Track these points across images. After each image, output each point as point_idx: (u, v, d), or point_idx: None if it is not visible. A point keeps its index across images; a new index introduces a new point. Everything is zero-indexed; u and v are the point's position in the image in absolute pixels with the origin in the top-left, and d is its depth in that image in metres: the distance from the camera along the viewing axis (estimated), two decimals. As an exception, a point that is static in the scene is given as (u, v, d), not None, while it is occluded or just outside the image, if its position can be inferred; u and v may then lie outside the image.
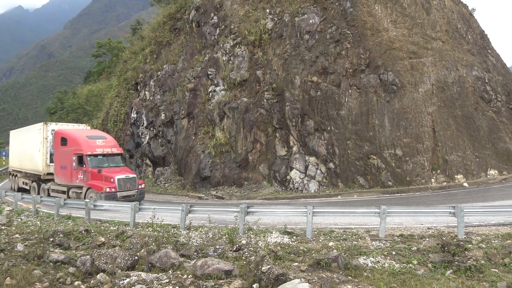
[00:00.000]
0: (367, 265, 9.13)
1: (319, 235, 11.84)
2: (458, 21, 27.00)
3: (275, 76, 24.53)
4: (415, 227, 12.54)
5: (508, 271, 8.57)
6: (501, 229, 11.84)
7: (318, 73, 23.02)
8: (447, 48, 24.49)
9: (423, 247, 10.15)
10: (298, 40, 24.53)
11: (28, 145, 26.13)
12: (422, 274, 8.58)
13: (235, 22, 27.95)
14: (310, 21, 24.49)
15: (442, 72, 23.26)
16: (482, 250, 9.67)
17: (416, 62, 22.93)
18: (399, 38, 23.50)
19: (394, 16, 24.28)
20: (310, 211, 11.79)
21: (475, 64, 24.96)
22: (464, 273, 8.51)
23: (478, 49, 26.89)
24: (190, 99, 28.35)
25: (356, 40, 23.04)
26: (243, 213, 12.31)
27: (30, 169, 25.79)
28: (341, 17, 23.99)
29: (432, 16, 25.31)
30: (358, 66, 22.49)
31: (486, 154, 22.21)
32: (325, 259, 8.88)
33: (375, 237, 11.26)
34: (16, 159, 28.82)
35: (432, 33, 24.65)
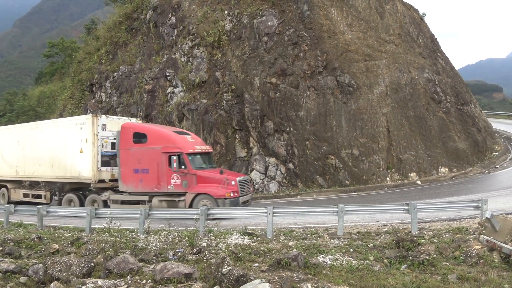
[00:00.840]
0: (326, 263, 9.31)
1: (280, 235, 11.95)
2: (410, 25, 28.09)
3: (234, 78, 24.55)
4: (371, 224, 12.92)
5: (458, 264, 9.00)
6: (452, 224, 12.42)
7: (277, 74, 23.25)
8: (400, 51, 25.42)
9: (379, 243, 10.46)
10: (257, 42, 24.67)
11: (50, 145, 19.66)
12: (378, 270, 8.85)
13: (194, 23, 27.73)
14: (269, 23, 24.69)
15: (396, 74, 24.12)
16: (434, 244, 10.10)
17: (371, 64, 23.64)
18: (355, 41, 24.15)
19: (349, 20, 24.93)
20: (270, 212, 11.87)
21: (426, 67, 26.06)
22: (417, 267, 8.85)
23: (428, 52, 28.07)
24: (148, 100, 27.83)
25: (313, 42, 23.46)
26: (204, 215, 12.22)
27: (51, 177, 19.62)
28: (298, 19, 24.35)
29: (385, 20, 26.19)
30: (315, 68, 22.90)
31: (437, 153, 23.23)
32: (285, 259, 8.97)
33: (333, 235, 11.49)
34: (10, 165, 21.86)
35: (386, 37, 25.51)
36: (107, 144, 18.41)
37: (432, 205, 12.84)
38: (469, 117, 27.33)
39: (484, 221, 10.29)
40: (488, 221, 9.83)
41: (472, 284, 7.78)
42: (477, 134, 26.75)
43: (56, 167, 19.30)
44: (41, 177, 20.26)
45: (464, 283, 7.91)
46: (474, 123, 27.35)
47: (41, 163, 19.99)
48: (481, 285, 7.59)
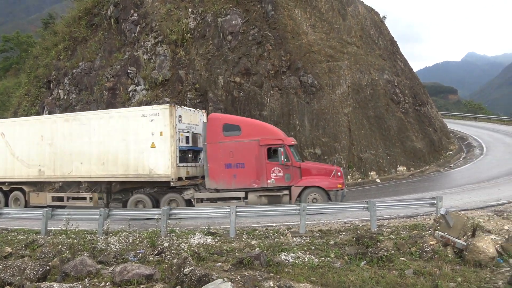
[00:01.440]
0: (288, 261, 9.40)
1: (242, 234, 11.96)
2: (371, 28, 28.84)
3: (198, 76, 24.36)
4: (332, 222, 13.16)
5: (414, 259, 9.32)
6: (409, 221, 12.86)
7: (241, 74, 23.27)
8: (361, 53, 26.04)
9: (340, 241, 10.68)
10: (221, 41, 24.59)
11: (98, 139, 17.13)
12: (339, 267, 9.03)
13: (157, 20, 27.28)
14: (233, 22, 24.66)
15: (357, 75, 24.69)
16: (392, 241, 10.41)
17: (333, 65, 24.08)
18: (318, 42, 24.53)
19: (313, 21, 25.30)
20: (233, 211, 11.87)
21: (386, 68, 26.83)
22: (376, 263, 9.09)
23: (388, 54, 28.92)
24: (108, 98, 27.12)
25: (277, 42, 23.64)
26: (166, 215, 12.05)
27: (103, 176, 17.13)
28: (263, 19, 24.47)
29: (347, 22, 26.76)
30: (279, 68, 23.09)
31: (396, 152, 23.98)
32: (248, 258, 8.99)
33: (295, 234, 11.62)
34: (27, 164, 18.54)
35: (348, 38, 26.07)
36: (182, 138, 16.44)
37: (390, 203, 13.23)
38: (426, 117, 28.37)
39: (439, 217, 10.69)
40: (442, 218, 10.23)
41: (427, 278, 8.07)
42: (433, 134, 27.82)
43: (110, 164, 16.80)
44: (84, 177, 17.46)
45: (420, 278, 8.20)
46: (431, 124, 28.42)
47: (83, 161, 17.28)
48: (436, 279, 7.88)
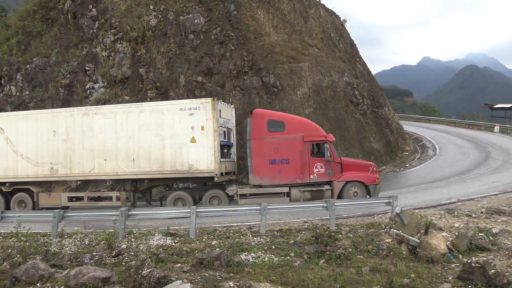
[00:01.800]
0: (249, 261, 9.44)
1: (203, 234, 11.90)
2: (332, 30, 29.43)
3: (159, 75, 23.97)
4: (293, 221, 13.35)
5: (371, 257, 9.60)
6: (366, 220, 13.26)
7: (203, 73, 23.12)
8: (322, 55, 26.52)
9: (300, 240, 10.84)
10: (183, 39, 24.33)
11: (127, 134, 16.18)
12: (298, 265, 9.16)
13: (116, 16, 26.61)
14: (195, 21, 24.46)
15: (318, 77, 25.12)
16: (350, 239, 10.68)
17: (295, 66, 24.38)
18: (280, 43, 24.76)
19: (275, 22, 25.51)
20: (193, 211, 11.79)
21: (345, 71, 27.46)
22: (335, 261, 9.29)
23: (348, 57, 29.61)
24: (65, 96, 26.19)
25: (240, 42, 23.66)
26: (124, 216, 11.78)
27: (132, 173, 16.21)
28: (225, 19, 24.42)
29: (309, 24, 27.18)
30: (241, 68, 23.12)
31: (354, 152, 24.58)
32: (208, 258, 8.95)
33: (256, 233, 11.69)
34: (36, 162, 16.95)
35: (309, 40, 26.48)
36: (221, 132, 16.11)
37: (349, 202, 13.59)
38: (383, 119, 29.29)
39: (394, 216, 11.07)
40: (397, 216, 10.60)
41: (383, 275, 8.33)
42: (390, 135, 28.76)
43: (142, 160, 15.96)
44: (109, 174, 16.32)
45: (376, 275, 8.45)
46: (388, 125, 29.37)
47: (108, 157, 16.23)
48: (391, 276, 8.14)
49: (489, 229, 10.89)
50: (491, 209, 13.60)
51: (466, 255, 9.34)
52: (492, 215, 12.94)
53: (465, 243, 9.66)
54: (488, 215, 12.91)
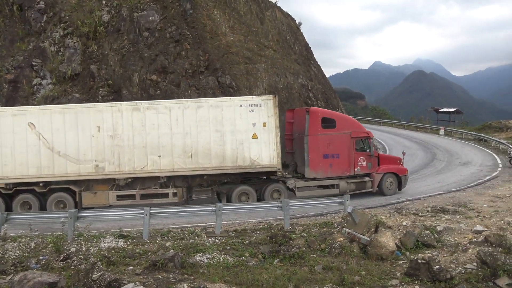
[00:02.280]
0: (203, 262, 9.35)
1: (157, 236, 11.68)
2: (287, 33, 29.80)
3: (111, 72, 23.26)
4: (248, 221, 13.40)
5: (323, 255, 9.79)
6: (319, 219, 13.54)
7: (158, 71, 22.68)
8: (277, 57, 26.79)
9: (255, 240, 10.89)
10: (137, 37, 23.76)
11: (183, 130, 15.94)
12: (253, 265, 9.18)
13: (66, 10, 25.56)
14: (150, 18, 23.96)
15: (273, 78, 25.34)
16: (303, 238, 10.86)
17: (251, 67, 24.47)
18: (236, 43, 24.76)
19: (231, 22, 25.48)
20: (147, 213, 11.53)
21: (300, 73, 27.88)
22: (289, 261, 9.40)
23: (303, 60, 30.09)
24: (9, 92, 24.81)
25: (196, 41, 23.43)
26: (73, 218, 11.32)
27: (190, 169, 16.02)
28: (181, 17, 24.10)
29: (265, 25, 27.37)
30: (197, 68, 22.90)
31: (309, 153, 25.00)
32: (162, 260, 8.78)
33: (211, 234, 11.62)
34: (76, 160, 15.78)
35: (265, 42, 26.67)
36: None
37: (303, 202, 13.78)
38: (337, 121, 29.95)
39: (346, 215, 11.37)
40: (349, 216, 10.90)
41: (335, 273, 8.52)
42: (343, 136, 29.46)
43: (200, 157, 15.90)
44: (164, 171, 16.02)
45: (328, 273, 8.63)
46: (341, 127, 30.05)
47: (163, 153, 15.90)
48: (342, 273, 8.35)
49: (434, 227, 11.43)
50: (436, 208, 14.30)
51: (413, 252, 9.74)
52: (437, 213, 13.59)
53: (412, 241, 10.08)
54: (434, 214, 13.56)
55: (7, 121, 15.53)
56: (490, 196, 16.85)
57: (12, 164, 15.42)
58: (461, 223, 12.15)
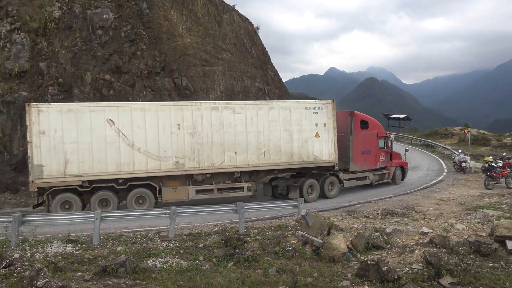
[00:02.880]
0: (156, 266, 9.15)
1: (108, 240, 11.31)
2: (245, 37, 29.93)
3: (62, 71, 22.36)
4: (202, 225, 13.27)
5: (277, 258, 9.86)
6: (274, 222, 13.63)
7: (112, 71, 22.07)
8: (235, 60, 26.84)
9: (209, 243, 10.80)
10: (90, 35, 23.01)
11: (256, 129, 17.26)
12: (207, 269, 9.09)
13: (14, 4, 24.32)
14: (104, 16, 23.29)
15: (230, 81, 25.36)
16: (258, 241, 10.89)
17: (208, 70, 24.35)
18: (193, 45, 24.58)
19: (189, 24, 25.27)
20: (97, 216, 11.15)
21: (257, 77, 28.08)
22: (243, 264, 9.39)
23: (260, 64, 30.32)
24: (-52, 88, 23.28)
25: (152, 42, 23.03)
26: (17, 222, 10.74)
27: (262, 164, 17.45)
28: (137, 17, 23.61)
29: (223, 28, 27.35)
30: (153, 68, 22.50)
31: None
32: (112, 265, 8.50)
33: (165, 238, 11.41)
34: (156, 157, 15.91)
35: (223, 45, 26.65)
36: None
37: (258, 205, 13.84)
38: (292, 125, 30.39)
39: (300, 218, 11.54)
40: (303, 218, 11.06)
41: (288, 275, 8.60)
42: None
43: (272, 153, 17.51)
44: (240, 167, 17.19)
45: (282, 275, 8.70)
46: (296, 131, 30.52)
47: (238, 150, 17.02)
48: (296, 276, 8.44)
49: (384, 229, 11.83)
50: (386, 210, 14.81)
51: (364, 253, 10.02)
52: (386, 216, 14.08)
53: (362, 243, 10.38)
54: (383, 216, 14.03)
55: (85, 117, 15.15)
56: (436, 199, 17.68)
57: (90, 161, 15.10)
58: (409, 225, 12.66)
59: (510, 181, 20.59)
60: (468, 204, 16.34)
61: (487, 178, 20.63)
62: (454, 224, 12.60)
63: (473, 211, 14.44)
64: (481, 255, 9.18)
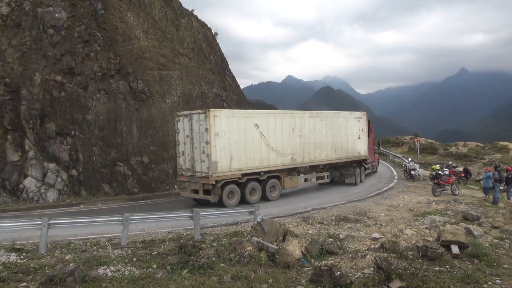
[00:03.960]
0: (107, 275, 8.82)
1: (55, 248, 10.80)
2: (203, 42, 29.77)
3: (9, 70, 21.24)
4: (157, 232, 12.96)
5: (233, 265, 9.78)
6: (230, 228, 13.53)
7: (63, 72, 21.22)
8: (192, 65, 26.61)
9: (163, 250, 10.55)
10: (41, 34, 22.05)
11: (331, 132, 23.24)
12: (160, 277, 8.87)
13: (-43, -2, 22.95)
14: (56, 15, 22.40)
15: (188, 86, 25.10)
16: (213, 248, 10.76)
17: (164, 74, 23.98)
18: (150, 49, 24.14)
19: (146, 27, 24.81)
20: (45, 223, 10.62)
21: (215, 82, 27.97)
22: (198, 271, 9.24)
23: (218, 69, 30.24)
24: None
25: (106, 43, 22.39)
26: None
27: (334, 158, 23.60)
28: (91, 17, 22.89)
29: (181, 33, 27.07)
30: (107, 71, 21.87)
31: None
32: (60, 275, 8.11)
33: (117, 245, 11.04)
34: (281, 153, 20.23)
35: (180, 49, 26.36)
36: None
37: (214, 212, 13.71)
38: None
39: (256, 224, 11.54)
40: (259, 225, 11.06)
41: (243, 282, 8.55)
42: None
43: (338, 150, 23.59)
44: (323, 161, 23.02)
45: (237, 282, 8.63)
46: (253, 137, 30.62)
47: (322, 148, 22.57)
48: (251, 282, 8.41)
49: (337, 235, 12.05)
50: (340, 216, 15.11)
51: (318, 259, 10.15)
52: (340, 222, 14.36)
53: (316, 248, 10.51)
54: (337, 222, 14.31)
55: (241, 122, 18.54)
56: (387, 205, 18.26)
57: (245, 157, 18.57)
58: (361, 231, 12.98)
59: (455, 188, 21.62)
60: (416, 210, 16.99)
61: (434, 186, 21.57)
62: (403, 230, 13.04)
63: (421, 217, 15.03)
64: (428, 259, 9.54)
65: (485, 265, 9.40)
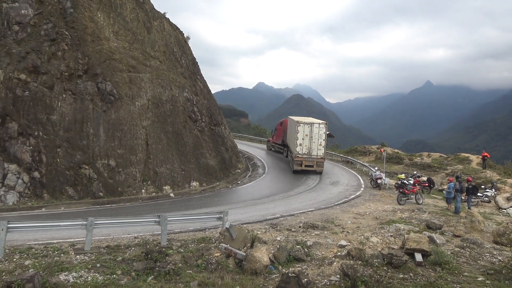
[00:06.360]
0: (69, 282, 8.53)
1: (14, 253, 10.36)
2: (175, 45, 29.50)
3: (-31, 66, 20.36)
4: (122, 237, 12.67)
5: (200, 271, 9.66)
6: (198, 234, 13.39)
7: (28, 71, 20.52)
8: (163, 68, 26.29)
9: (128, 256, 10.31)
10: (5, 30, 21.26)
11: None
12: (125, 284, 8.65)
13: None
14: (22, 12, 21.67)
15: (158, 89, 24.77)
16: (180, 254, 10.60)
17: (134, 76, 23.58)
18: (120, 50, 23.70)
19: (116, 28, 24.36)
20: (3, 227, 10.17)
21: (186, 87, 27.74)
22: (164, 277, 9.07)
23: (189, 74, 30.00)
24: None
25: (75, 43, 21.82)
26: None
27: None
28: (59, 15, 22.27)
29: (152, 35, 26.72)
30: (75, 71, 21.30)
31: (190, 168, 24.83)
32: (18, 281, 7.77)
33: (80, 251, 10.70)
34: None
35: (151, 52, 26.01)
36: None
37: (181, 217, 13.54)
38: (220, 137, 30.40)
39: (224, 230, 11.45)
40: (227, 231, 10.98)
41: (210, 289, 8.47)
42: (225, 152, 29.95)
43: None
44: None
45: (203, 289, 8.54)
46: (224, 143, 30.57)
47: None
48: (217, 289, 8.33)
49: (305, 242, 12.12)
50: (308, 223, 15.21)
51: (285, 266, 10.17)
52: (308, 229, 14.46)
53: (284, 255, 10.53)
54: (305, 229, 14.39)
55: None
56: (354, 213, 18.54)
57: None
58: (328, 238, 13.10)
59: (419, 197, 22.22)
60: (382, 218, 17.32)
61: (399, 195, 22.08)
62: (369, 237, 13.26)
63: (386, 225, 15.33)
64: (393, 266, 9.73)
65: (446, 273, 9.67)
